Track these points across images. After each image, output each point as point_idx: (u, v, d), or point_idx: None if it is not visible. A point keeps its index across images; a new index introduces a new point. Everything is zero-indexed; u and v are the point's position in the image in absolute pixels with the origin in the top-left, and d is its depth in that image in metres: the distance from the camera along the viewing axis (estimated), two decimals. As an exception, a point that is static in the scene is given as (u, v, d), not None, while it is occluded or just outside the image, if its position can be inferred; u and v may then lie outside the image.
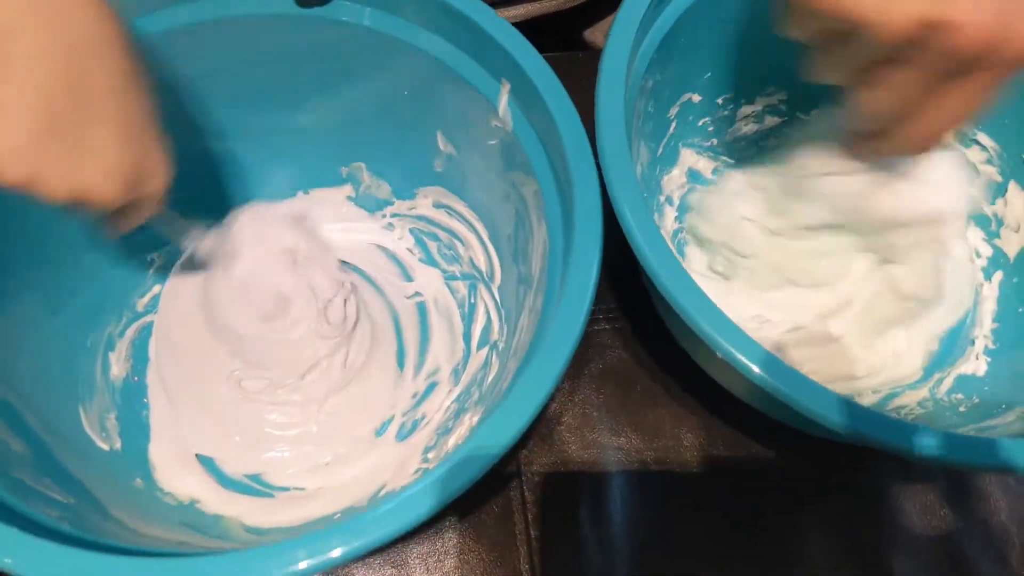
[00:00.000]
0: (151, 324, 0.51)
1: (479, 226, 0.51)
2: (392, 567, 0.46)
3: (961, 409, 0.47)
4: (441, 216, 0.54)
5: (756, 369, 0.35)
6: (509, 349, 0.46)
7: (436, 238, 0.54)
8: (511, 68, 0.42)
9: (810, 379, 0.35)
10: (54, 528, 0.34)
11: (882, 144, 0.39)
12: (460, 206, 0.52)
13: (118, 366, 0.49)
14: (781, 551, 0.47)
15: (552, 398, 0.36)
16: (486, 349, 0.50)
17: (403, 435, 0.49)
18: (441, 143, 0.50)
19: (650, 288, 0.41)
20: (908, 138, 0.37)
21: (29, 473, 0.37)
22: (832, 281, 0.51)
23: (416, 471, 0.46)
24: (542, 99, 0.41)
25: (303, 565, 0.30)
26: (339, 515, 0.45)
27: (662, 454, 0.49)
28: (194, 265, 0.52)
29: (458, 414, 0.48)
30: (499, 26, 0.42)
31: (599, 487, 0.48)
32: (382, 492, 0.46)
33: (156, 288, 0.52)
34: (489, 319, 0.51)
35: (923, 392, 0.49)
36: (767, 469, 0.49)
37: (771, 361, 0.35)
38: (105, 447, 0.45)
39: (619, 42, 0.43)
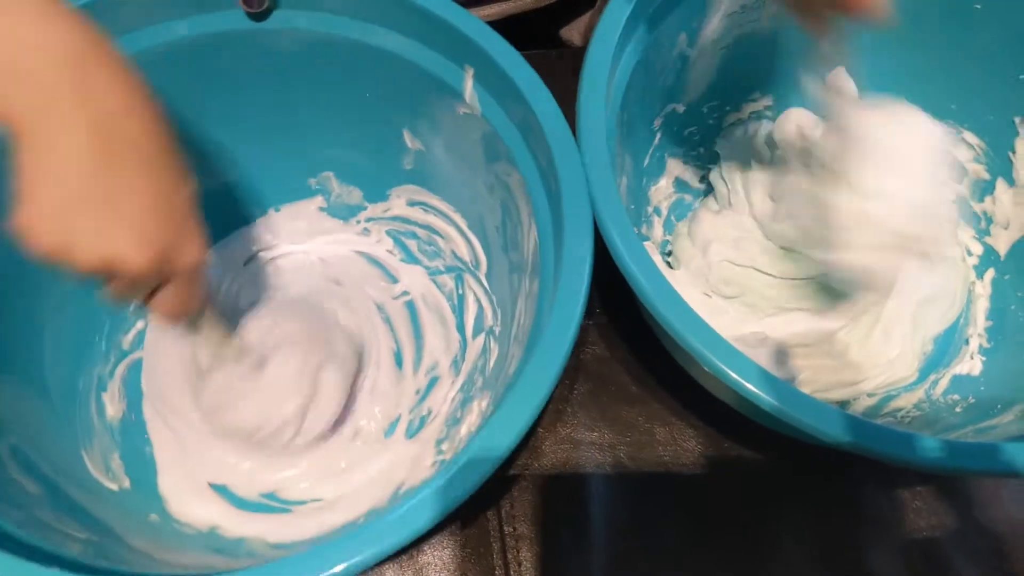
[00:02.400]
0: (140, 360, 0.50)
1: (456, 217, 0.52)
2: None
3: (957, 410, 0.47)
4: (417, 214, 0.54)
5: (752, 388, 0.35)
6: (509, 334, 0.46)
7: (415, 236, 0.54)
8: (473, 53, 0.43)
9: (808, 396, 0.35)
10: (78, 562, 0.34)
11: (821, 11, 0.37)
12: (435, 201, 0.53)
13: (113, 406, 0.48)
14: (755, 547, 0.47)
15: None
16: (482, 336, 0.50)
17: (412, 432, 0.49)
18: (409, 140, 0.50)
19: (639, 301, 0.40)
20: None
21: (48, 513, 0.37)
22: (836, 305, 0.51)
23: (433, 463, 0.46)
24: (510, 79, 0.41)
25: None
26: (362, 519, 0.45)
27: (635, 450, 0.49)
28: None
29: (465, 403, 0.48)
30: (456, 13, 0.43)
31: (572, 483, 0.48)
32: (401, 490, 0.46)
33: (140, 324, 0.51)
34: (480, 307, 0.51)
35: (919, 394, 0.50)
36: (741, 466, 0.49)
37: (766, 379, 0.35)
38: (114, 487, 0.44)
39: (599, 55, 0.43)
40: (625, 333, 0.52)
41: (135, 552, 0.39)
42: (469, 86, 0.44)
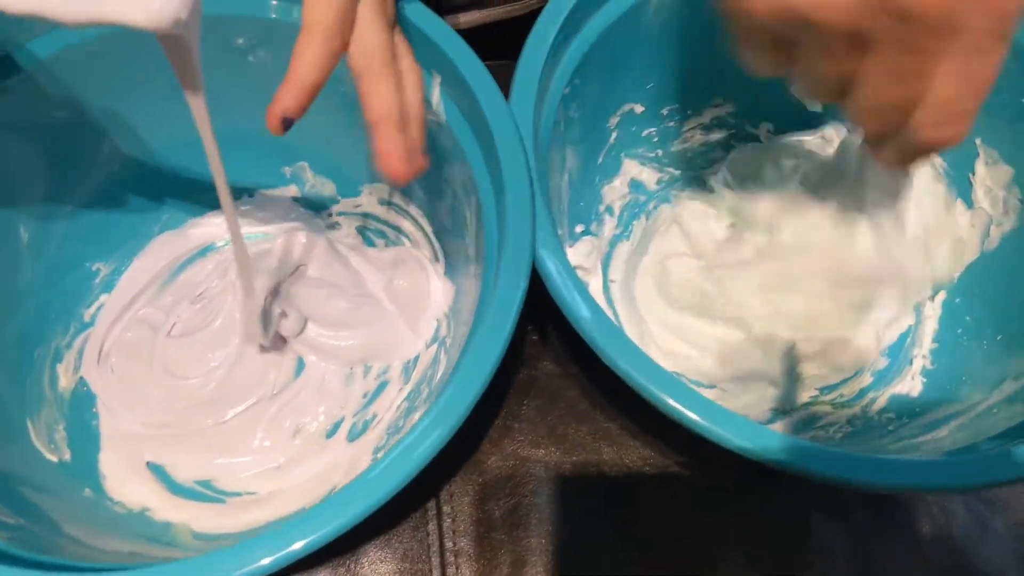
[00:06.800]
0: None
1: (424, 222, 0.51)
2: (302, 574, 0.46)
3: (890, 428, 0.47)
4: (387, 213, 0.53)
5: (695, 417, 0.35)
6: (457, 345, 0.46)
7: (383, 235, 0.54)
8: (441, 61, 0.42)
9: (742, 417, 0.35)
10: (5, 551, 0.34)
11: (894, 149, 0.34)
12: (404, 202, 0.52)
13: (66, 377, 0.49)
14: (695, 566, 0.47)
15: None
16: (435, 347, 0.50)
17: (354, 435, 0.49)
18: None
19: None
20: (915, 135, 0.32)
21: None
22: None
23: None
24: (469, 87, 0.41)
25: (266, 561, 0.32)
26: (290, 518, 0.45)
27: (580, 468, 0.49)
28: (142, 271, 0.52)
29: (408, 412, 0.48)
30: (428, 19, 0.42)
31: (515, 499, 0.48)
32: (334, 493, 0.46)
33: (103, 298, 0.51)
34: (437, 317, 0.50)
35: (855, 410, 0.49)
36: (687, 488, 0.49)
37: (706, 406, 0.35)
38: (54, 459, 0.45)
39: (534, 51, 0.43)
40: (577, 351, 0.52)
41: (64, 536, 0.39)
42: (436, 93, 0.43)
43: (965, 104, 0.31)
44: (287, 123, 0.35)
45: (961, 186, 0.50)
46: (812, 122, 0.52)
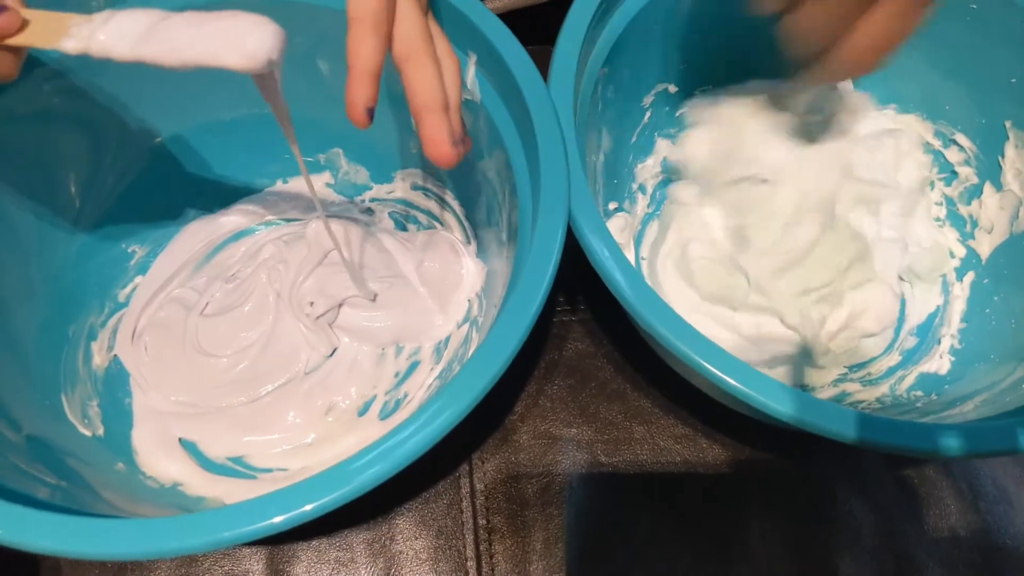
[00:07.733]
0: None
1: (456, 205, 0.52)
2: (338, 550, 0.46)
3: (919, 404, 0.47)
4: (419, 198, 0.54)
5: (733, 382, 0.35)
6: (488, 323, 0.46)
7: (415, 220, 0.55)
8: (476, 39, 0.42)
9: (774, 380, 0.35)
10: (47, 503, 0.34)
11: (821, 68, 0.40)
12: (437, 187, 0.52)
13: (100, 356, 0.49)
14: (726, 547, 0.47)
15: (504, 386, 0.36)
16: (467, 326, 0.50)
17: (386, 414, 0.49)
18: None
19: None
20: (843, 59, 0.38)
21: (23, 458, 0.37)
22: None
23: (398, 447, 0.46)
24: (508, 70, 0.41)
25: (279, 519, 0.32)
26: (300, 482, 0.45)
27: (612, 447, 0.49)
28: (176, 254, 0.52)
29: (440, 390, 0.48)
30: (465, 1, 0.43)
31: (548, 477, 0.48)
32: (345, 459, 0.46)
33: (137, 279, 0.52)
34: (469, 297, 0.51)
35: (883, 388, 0.49)
36: (716, 465, 0.49)
37: (742, 369, 0.35)
38: (88, 433, 0.45)
39: (571, 32, 0.43)
40: (608, 329, 0.52)
41: (102, 501, 0.39)
42: (471, 72, 0.44)
43: (882, 47, 0.37)
44: (371, 112, 0.36)
45: (991, 169, 0.50)
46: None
